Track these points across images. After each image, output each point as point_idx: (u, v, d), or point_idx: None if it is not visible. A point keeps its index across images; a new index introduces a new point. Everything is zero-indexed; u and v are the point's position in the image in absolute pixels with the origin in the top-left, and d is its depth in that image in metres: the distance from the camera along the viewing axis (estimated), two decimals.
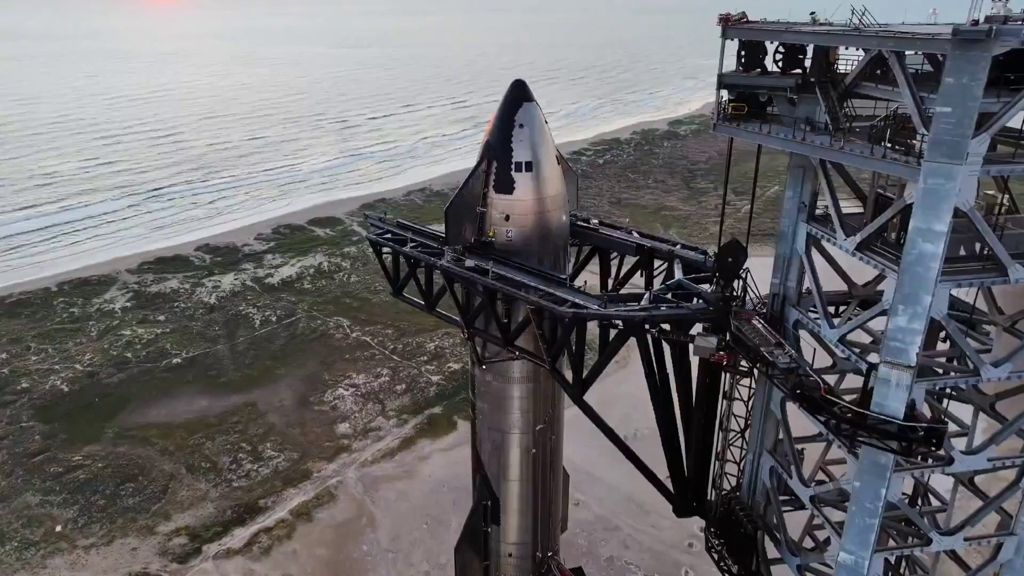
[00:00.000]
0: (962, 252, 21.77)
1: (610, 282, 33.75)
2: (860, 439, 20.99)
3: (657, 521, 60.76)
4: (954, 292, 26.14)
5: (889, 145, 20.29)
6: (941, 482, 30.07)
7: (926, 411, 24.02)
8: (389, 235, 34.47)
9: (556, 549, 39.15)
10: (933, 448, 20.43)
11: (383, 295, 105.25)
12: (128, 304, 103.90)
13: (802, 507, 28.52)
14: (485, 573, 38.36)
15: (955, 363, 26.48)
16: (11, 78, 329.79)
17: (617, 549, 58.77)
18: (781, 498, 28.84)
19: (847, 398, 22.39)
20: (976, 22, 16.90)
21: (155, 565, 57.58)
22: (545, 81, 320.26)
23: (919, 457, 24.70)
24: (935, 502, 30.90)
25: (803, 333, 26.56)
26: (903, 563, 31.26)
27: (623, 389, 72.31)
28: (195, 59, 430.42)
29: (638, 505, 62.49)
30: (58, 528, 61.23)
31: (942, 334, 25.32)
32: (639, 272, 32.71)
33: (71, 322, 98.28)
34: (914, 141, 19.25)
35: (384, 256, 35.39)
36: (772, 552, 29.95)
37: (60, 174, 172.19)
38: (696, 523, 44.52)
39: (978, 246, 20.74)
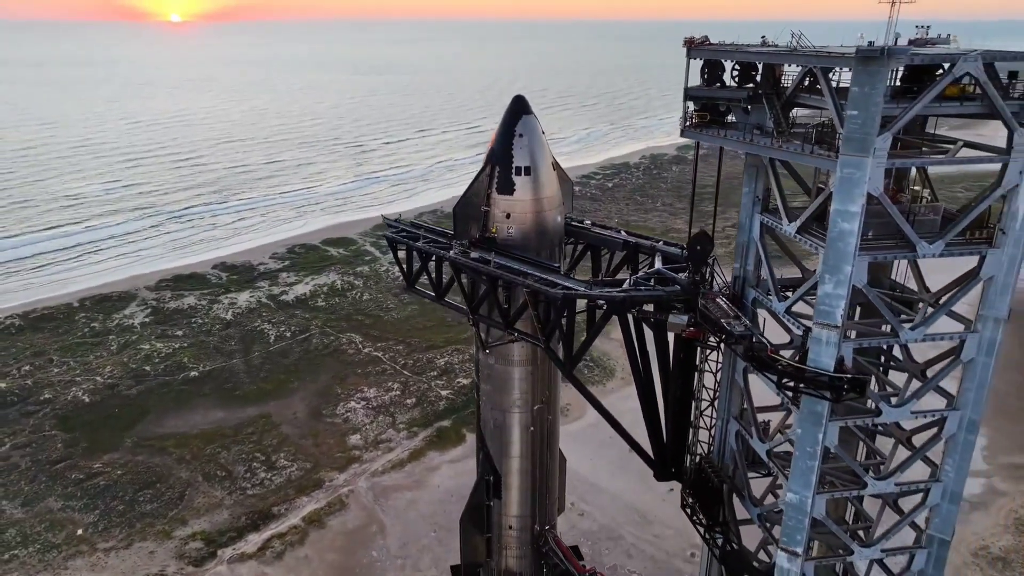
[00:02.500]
0: None
1: (601, 276, 37.38)
2: (799, 390, 24.79)
3: (659, 531, 62.39)
4: (895, 276, 30.26)
5: (817, 144, 24.31)
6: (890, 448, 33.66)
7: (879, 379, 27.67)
8: (404, 233, 38.39)
9: (553, 524, 42.30)
10: (857, 395, 24.19)
11: (395, 313, 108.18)
12: (147, 320, 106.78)
13: (766, 471, 32.28)
14: (487, 545, 41.63)
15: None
16: (36, 103, 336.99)
17: (620, 558, 59.93)
18: (746, 461, 32.61)
19: None
20: (871, 43, 21.10)
21: (172, 568, 59.58)
22: (558, 107, 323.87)
23: (864, 415, 28.49)
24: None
25: (763, 312, 30.42)
26: (858, 519, 34.89)
27: (627, 405, 74.61)
28: (213, 84, 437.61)
29: (641, 515, 64.32)
30: (79, 532, 63.29)
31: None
32: (626, 267, 36.37)
33: (92, 336, 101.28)
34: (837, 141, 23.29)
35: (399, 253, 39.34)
36: (742, 514, 33.62)
37: (84, 196, 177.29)
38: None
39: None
